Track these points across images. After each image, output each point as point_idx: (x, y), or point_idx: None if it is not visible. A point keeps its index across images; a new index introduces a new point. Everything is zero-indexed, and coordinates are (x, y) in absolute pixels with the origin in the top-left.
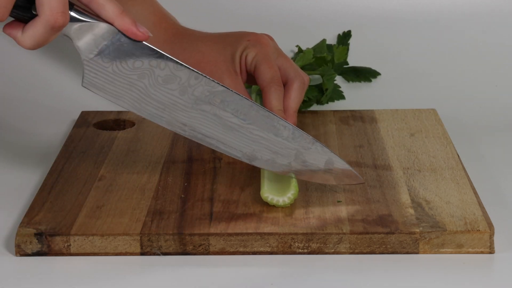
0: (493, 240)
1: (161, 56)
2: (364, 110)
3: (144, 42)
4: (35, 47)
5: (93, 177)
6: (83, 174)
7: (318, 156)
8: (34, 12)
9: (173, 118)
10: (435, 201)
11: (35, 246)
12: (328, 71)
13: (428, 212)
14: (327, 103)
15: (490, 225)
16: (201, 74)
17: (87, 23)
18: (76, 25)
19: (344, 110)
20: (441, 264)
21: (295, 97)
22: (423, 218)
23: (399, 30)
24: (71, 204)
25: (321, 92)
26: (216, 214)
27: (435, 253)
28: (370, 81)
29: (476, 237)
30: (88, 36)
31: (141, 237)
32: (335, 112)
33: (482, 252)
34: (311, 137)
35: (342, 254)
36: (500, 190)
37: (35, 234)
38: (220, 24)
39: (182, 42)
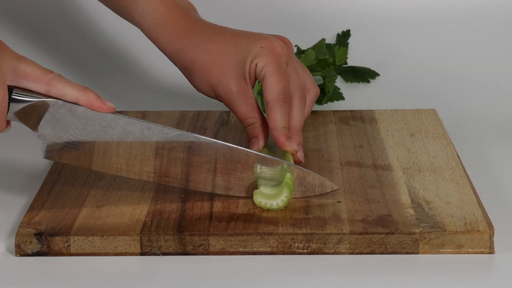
0: (493, 241)
1: (110, 115)
2: (364, 110)
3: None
4: None
5: (93, 177)
6: (83, 174)
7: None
8: None
9: (141, 169)
10: (435, 202)
11: (35, 246)
12: (330, 73)
13: (428, 213)
14: (326, 103)
15: (490, 226)
16: (153, 124)
17: (30, 103)
18: (20, 108)
19: (344, 110)
20: (441, 264)
21: (296, 115)
22: (423, 218)
23: (399, 30)
24: (71, 204)
25: (322, 93)
26: (216, 214)
27: (435, 253)
28: (369, 81)
29: (476, 237)
30: (35, 115)
31: (141, 237)
32: (335, 112)
33: (482, 252)
34: (276, 158)
35: (342, 254)
36: (500, 190)
37: (35, 234)
38: (220, 24)
39: (193, 38)
